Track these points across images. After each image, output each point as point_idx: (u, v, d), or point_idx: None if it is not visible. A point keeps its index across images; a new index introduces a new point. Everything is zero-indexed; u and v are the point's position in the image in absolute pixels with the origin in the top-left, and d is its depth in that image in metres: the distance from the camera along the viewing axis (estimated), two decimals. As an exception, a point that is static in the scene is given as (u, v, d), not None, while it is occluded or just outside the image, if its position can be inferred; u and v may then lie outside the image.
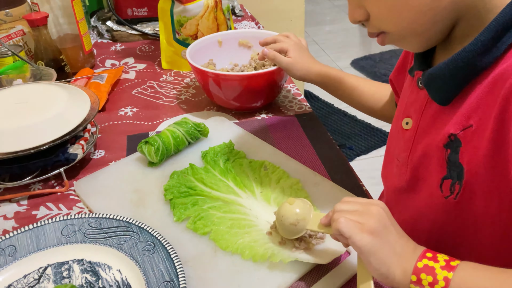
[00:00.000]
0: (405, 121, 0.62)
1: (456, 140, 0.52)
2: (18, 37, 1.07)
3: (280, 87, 0.95)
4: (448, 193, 0.54)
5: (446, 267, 0.44)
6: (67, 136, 0.74)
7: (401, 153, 0.62)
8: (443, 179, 0.55)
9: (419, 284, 0.45)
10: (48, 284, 0.58)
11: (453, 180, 0.53)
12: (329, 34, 3.57)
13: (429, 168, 0.57)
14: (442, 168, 0.55)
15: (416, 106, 0.59)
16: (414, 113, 0.60)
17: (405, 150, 0.61)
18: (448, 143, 0.53)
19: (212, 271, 0.59)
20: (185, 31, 1.10)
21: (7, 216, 0.71)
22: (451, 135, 0.53)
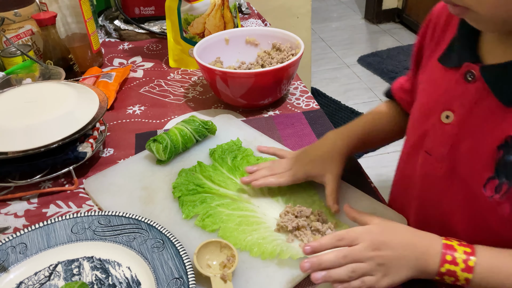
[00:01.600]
0: (445, 114, 0.58)
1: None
2: (27, 37, 1.08)
3: (287, 84, 0.95)
4: (492, 193, 0.53)
5: (466, 270, 0.50)
6: (76, 134, 0.74)
7: (437, 147, 0.59)
8: (488, 179, 0.53)
9: (443, 280, 0.52)
10: (59, 281, 0.58)
11: (500, 180, 0.52)
12: (336, 31, 3.56)
13: (474, 166, 0.55)
14: (490, 168, 0.53)
15: (462, 100, 0.55)
16: (460, 108, 0.56)
17: (444, 145, 0.58)
18: (503, 145, 0.51)
19: (221, 268, 0.59)
20: (192, 29, 1.10)
21: (18, 214, 0.71)
22: (509, 137, 0.50)
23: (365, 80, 2.83)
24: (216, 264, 0.58)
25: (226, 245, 0.59)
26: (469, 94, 0.55)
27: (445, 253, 0.51)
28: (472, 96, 0.54)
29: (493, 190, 0.53)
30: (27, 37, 1.08)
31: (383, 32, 3.48)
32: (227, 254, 0.59)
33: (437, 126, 0.59)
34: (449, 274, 0.51)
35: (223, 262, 0.58)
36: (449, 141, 0.57)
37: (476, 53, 0.55)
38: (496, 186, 0.52)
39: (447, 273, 0.51)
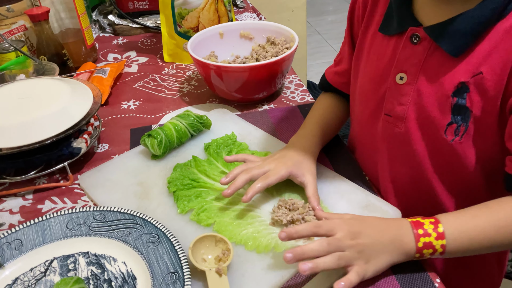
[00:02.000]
0: (399, 76, 0.63)
1: (463, 87, 0.56)
2: (20, 32, 1.07)
3: (282, 78, 0.95)
4: (452, 136, 0.59)
5: (439, 236, 0.54)
6: (70, 130, 0.74)
7: (396, 107, 0.64)
8: (448, 125, 0.59)
9: (422, 256, 0.55)
10: (54, 277, 0.58)
11: (458, 123, 0.58)
12: (332, 24, 3.55)
13: (431, 116, 0.60)
14: (447, 114, 0.59)
15: (412, 60, 0.61)
16: (411, 67, 0.61)
17: (402, 104, 0.63)
18: (456, 91, 0.57)
19: (216, 262, 0.59)
20: (186, 23, 1.09)
21: (13, 211, 0.71)
22: (460, 83, 0.56)
23: (361, 73, 2.82)
24: (211, 258, 0.59)
25: (221, 239, 0.59)
26: (417, 54, 0.60)
27: (416, 228, 0.54)
28: (421, 55, 0.60)
29: (453, 133, 0.59)
30: (20, 32, 1.07)
31: (379, 25, 3.47)
32: (222, 248, 0.59)
33: (393, 88, 0.64)
34: (426, 246, 0.53)
35: (218, 256, 0.58)
36: (407, 100, 0.62)
37: (415, 18, 0.61)
38: (455, 129, 0.59)
39: (424, 246, 0.53)
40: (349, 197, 0.68)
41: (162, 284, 0.55)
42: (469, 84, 0.56)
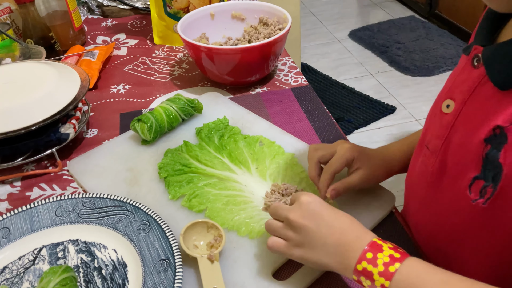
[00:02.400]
0: (446, 103, 0.51)
1: (501, 134, 0.43)
2: (5, 15, 1.04)
3: (275, 60, 0.93)
4: (477, 196, 0.46)
5: (384, 274, 0.43)
6: (57, 115, 0.72)
7: (433, 140, 0.53)
8: (474, 178, 0.46)
9: (360, 283, 0.46)
10: (43, 265, 0.57)
11: (487, 182, 0.45)
12: (326, 5, 3.50)
13: (461, 162, 0.48)
14: (477, 165, 0.46)
15: (464, 87, 0.49)
16: (460, 95, 0.50)
17: (439, 137, 0.52)
18: (491, 137, 0.44)
19: (208, 248, 0.58)
20: (176, 4, 1.07)
21: (1, 198, 0.70)
22: (497, 127, 0.44)
23: (356, 55, 2.80)
24: (203, 245, 0.58)
25: (213, 225, 0.58)
26: (471, 79, 0.48)
27: (367, 250, 0.45)
28: (473, 82, 0.48)
29: (478, 192, 0.46)
30: (5, 15, 1.04)
31: (374, 5, 3.43)
32: (214, 234, 0.58)
33: (437, 116, 0.53)
34: (365, 274, 0.45)
35: (210, 242, 0.57)
36: (445, 133, 0.51)
37: (491, 36, 0.48)
38: (481, 188, 0.46)
39: (363, 272, 0.45)
40: (343, 181, 0.67)
41: (153, 271, 0.54)
42: (508, 132, 0.43)
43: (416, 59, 2.65)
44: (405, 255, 0.45)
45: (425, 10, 3.13)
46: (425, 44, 2.79)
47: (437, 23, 3.02)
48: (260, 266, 0.56)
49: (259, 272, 0.55)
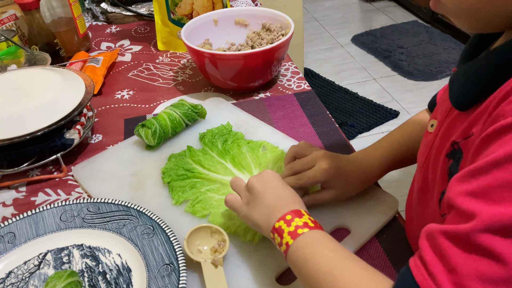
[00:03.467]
0: (430, 123, 0.54)
1: (459, 150, 0.45)
2: (11, 22, 1.05)
3: (278, 66, 0.94)
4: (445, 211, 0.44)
5: (292, 233, 0.48)
6: (62, 121, 0.73)
7: (420, 157, 0.56)
8: (442, 193, 0.48)
9: (273, 240, 0.51)
10: (48, 269, 0.58)
11: None
12: (329, 10, 3.51)
13: (435, 178, 0.50)
14: (444, 181, 0.48)
15: (443, 107, 0.51)
16: (440, 115, 0.52)
17: (423, 155, 0.54)
18: (451, 152, 0.46)
19: (211, 253, 0.59)
20: (180, 10, 1.08)
21: (6, 203, 0.70)
22: (454, 143, 0.46)
23: (359, 60, 2.80)
24: (206, 249, 0.58)
25: (216, 230, 0.59)
26: (447, 101, 0.50)
27: (289, 213, 0.50)
28: (448, 103, 0.49)
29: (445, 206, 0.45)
30: (11, 22, 1.05)
31: (377, 10, 3.44)
32: (217, 239, 0.58)
33: (424, 135, 0.56)
34: (278, 232, 0.49)
35: (214, 247, 0.58)
36: (427, 151, 0.53)
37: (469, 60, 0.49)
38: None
39: (278, 230, 0.50)
40: (346, 186, 0.67)
41: (158, 276, 0.55)
42: (462, 146, 0.45)
43: (419, 63, 2.65)
44: (319, 228, 0.49)
45: (427, 14, 3.14)
46: (428, 49, 2.79)
47: (440, 27, 3.02)
48: (264, 270, 0.56)
49: (263, 277, 0.55)
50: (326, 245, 0.47)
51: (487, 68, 0.42)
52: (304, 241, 0.47)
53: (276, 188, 0.55)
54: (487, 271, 0.34)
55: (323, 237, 0.48)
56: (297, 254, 0.47)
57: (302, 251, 0.47)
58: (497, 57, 0.41)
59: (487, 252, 0.34)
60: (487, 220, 0.34)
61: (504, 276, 0.33)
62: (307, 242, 0.47)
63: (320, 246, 0.47)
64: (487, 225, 0.34)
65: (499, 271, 0.33)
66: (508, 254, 0.33)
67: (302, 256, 0.47)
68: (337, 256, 0.45)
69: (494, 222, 0.34)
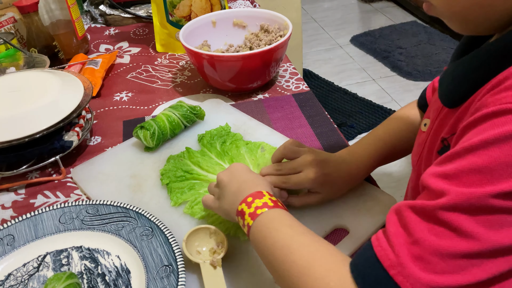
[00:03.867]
0: (424, 122, 0.55)
1: (448, 146, 0.47)
2: (10, 25, 1.05)
3: (276, 67, 0.94)
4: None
5: (252, 215, 0.50)
6: (60, 123, 0.73)
7: (413, 157, 0.57)
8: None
9: (238, 222, 0.53)
10: (48, 272, 0.58)
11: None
12: (327, 11, 3.52)
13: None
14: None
15: (435, 106, 0.52)
16: (432, 114, 0.53)
17: (416, 154, 0.55)
18: (442, 149, 0.48)
19: (210, 254, 0.59)
20: (178, 12, 1.08)
21: (5, 206, 0.70)
22: (444, 140, 0.48)
23: (358, 61, 2.81)
24: (205, 251, 0.58)
25: (215, 231, 0.59)
26: (439, 100, 0.51)
27: (250, 195, 0.51)
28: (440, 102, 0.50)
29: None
30: (10, 25, 1.05)
31: (376, 11, 3.44)
32: (216, 240, 0.59)
33: (418, 134, 0.57)
34: (241, 214, 0.51)
35: (213, 248, 0.58)
36: (420, 150, 0.54)
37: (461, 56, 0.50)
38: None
39: (241, 212, 0.51)
40: (344, 186, 0.67)
41: (156, 277, 0.55)
42: (450, 142, 0.46)
43: (418, 64, 2.66)
44: (278, 206, 0.50)
45: (426, 15, 3.14)
46: (427, 49, 2.79)
47: (439, 28, 3.03)
48: (263, 271, 0.56)
49: (262, 278, 0.55)
50: (283, 222, 0.48)
51: (474, 66, 0.43)
52: (263, 221, 0.49)
53: (240, 175, 0.57)
54: (449, 246, 0.35)
55: (280, 214, 0.49)
56: (256, 234, 0.48)
57: (261, 229, 0.48)
58: (483, 56, 0.43)
59: (452, 228, 0.35)
60: (456, 199, 0.35)
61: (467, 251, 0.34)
62: (265, 221, 0.49)
63: (278, 223, 0.48)
64: (455, 203, 0.35)
65: (462, 247, 0.34)
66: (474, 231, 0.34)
67: (261, 235, 0.48)
68: (293, 231, 0.46)
69: (462, 200, 0.35)
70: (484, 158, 0.35)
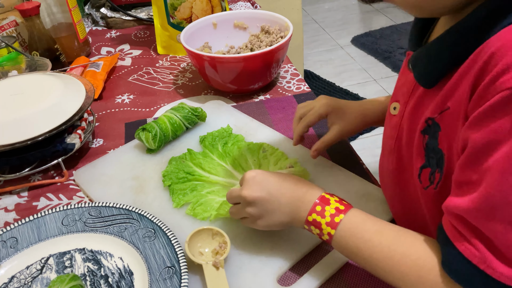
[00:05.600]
0: (393, 106, 0.56)
1: (434, 124, 0.47)
2: (11, 28, 1.06)
3: (277, 68, 0.94)
4: (427, 183, 0.49)
5: (330, 224, 0.50)
6: (63, 126, 0.73)
7: (388, 140, 0.57)
8: (421, 168, 0.50)
9: (310, 231, 0.53)
10: (51, 274, 0.58)
11: (432, 168, 0.49)
12: (328, 11, 3.52)
13: (412, 157, 0.52)
14: (421, 156, 0.50)
15: (404, 89, 0.53)
16: (402, 97, 0.54)
17: (392, 137, 0.56)
18: (425, 128, 0.48)
19: (213, 255, 0.59)
20: (179, 14, 1.08)
21: (8, 208, 0.71)
22: (428, 119, 0.48)
23: (359, 61, 2.81)
24: (208, 252, 0.58)
25: (218, 232, 0.59)
26: (408, 82, 0.52)
27: (317, 203, 0.52)
28: (410, 84, 0.52)
29: (427, 179, 0.49)
30: (11, 28, 1.06)
31: (376, 11, 3.45)
32: (219, 241, 0.59)
33: (387, 118, 0.58)
34: (315, 224, 0.51)
35: (215, 249, 0.58)
36: (395, 133, 0.55)
37: (420, 42, 0.52)
38: (430, 175, 0.49)
39: (313, 223, 0.51)
40: (346, 187, 0.67)
41: (159, 279, 0.55)
42: (439, 121, 0.46)
43: (419, 64, 2.65)
44: (348, 206, 0.52)
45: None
46: (428, 49, 2.79)
47: (440, 27, 3.03)
48: (265, 272, 0.56)
49: (265, 278, 0.55)
50: (370, 229, 0.49)
51: (448, 45, 0.45)
52: (346, 229, 0.50)
53: (277, 184, 0.55)
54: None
55: (361, 219, 0.50)
56: (345, 242, 0.50)
57: (349, 239, 0.50)
58: (457, 33, 0.44)
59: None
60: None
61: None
62: (349, 229, 0.50)
63: (365, 232, 0.49)
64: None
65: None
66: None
67: (351, 245, 0.49)
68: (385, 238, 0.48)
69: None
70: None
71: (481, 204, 0.39)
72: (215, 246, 0.58)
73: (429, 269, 0.44)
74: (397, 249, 0.47)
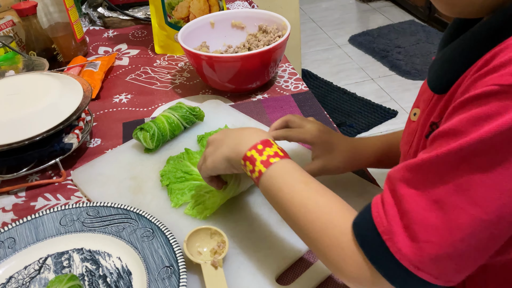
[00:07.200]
0: (413, 111, 0.55)
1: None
2: (8, 28, 1.05)
3: (275, 67, 0.94)
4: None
5: (264, 162, 0.52)
6: (60, 126, 0.73)
7: (404, 146, 0.56)
8: None
9: (244, 167, 0.54)
10: (49, 274, 0.58)
11: None
12: (326, 11, 3.52)
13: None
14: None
15: (425, 95, 0.52)
16: (422, 103, 0.53)
17: (407, 143, 0.55)
18: (430, 133, 0.47)
19: (211, 255, 0.59)
20: (176, 14, 1.08)
21: (6, 209, 0.71)
22: (432, 124, 0.48)
23: (357, 60, 2.81)
24: (206, 251, 0.58)
25: (216, 232, 0.59)
26: (428, 89, 0.51)
27: (260, 143, 0.53)
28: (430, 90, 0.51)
29: None
30: (8, 28, 1.05)
31: (374, 10, 3.45)
32: (217, 240, 0.59)
33: (407, 124, 0.57)
34: (250, 160, 0.52)
35: (214, 248, 0.58)
36: (411, 139, 0.54)
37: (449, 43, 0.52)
38: None
39: (250, 158, 0.52)
40: (345, 185, 0.67)
41: (158, 279, 0.55)
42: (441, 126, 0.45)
43: (416, 63, 2.66)
44: (288, 157, 0.53)
45: (424, 14, 3.15)
46: (425, 48, 2.80)
47: (437, 26, 3.03)
48: (264, 271, 0.56)
49: (263, 277, 0.55)
50: (297, 177, 0.50)
51: (460, 50, 0.44)
52: (277, 171, 0.51)
53: (236, 129, 0.58)
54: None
55: (293, 167, 0.52)
56: (270, 182, 0.51)
57: (275, 180, 0.51)
58: (468, 39, 0.43)
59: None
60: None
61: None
62: (279, 172, 0.51)
63: (292, 178, 0.50)
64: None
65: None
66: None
67: (276, 185, 0.50)
68: (308, 189, 0.49)
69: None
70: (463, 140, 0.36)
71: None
72: (213, 246, 0.58)
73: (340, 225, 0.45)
74: (316, 199, 0.48)
